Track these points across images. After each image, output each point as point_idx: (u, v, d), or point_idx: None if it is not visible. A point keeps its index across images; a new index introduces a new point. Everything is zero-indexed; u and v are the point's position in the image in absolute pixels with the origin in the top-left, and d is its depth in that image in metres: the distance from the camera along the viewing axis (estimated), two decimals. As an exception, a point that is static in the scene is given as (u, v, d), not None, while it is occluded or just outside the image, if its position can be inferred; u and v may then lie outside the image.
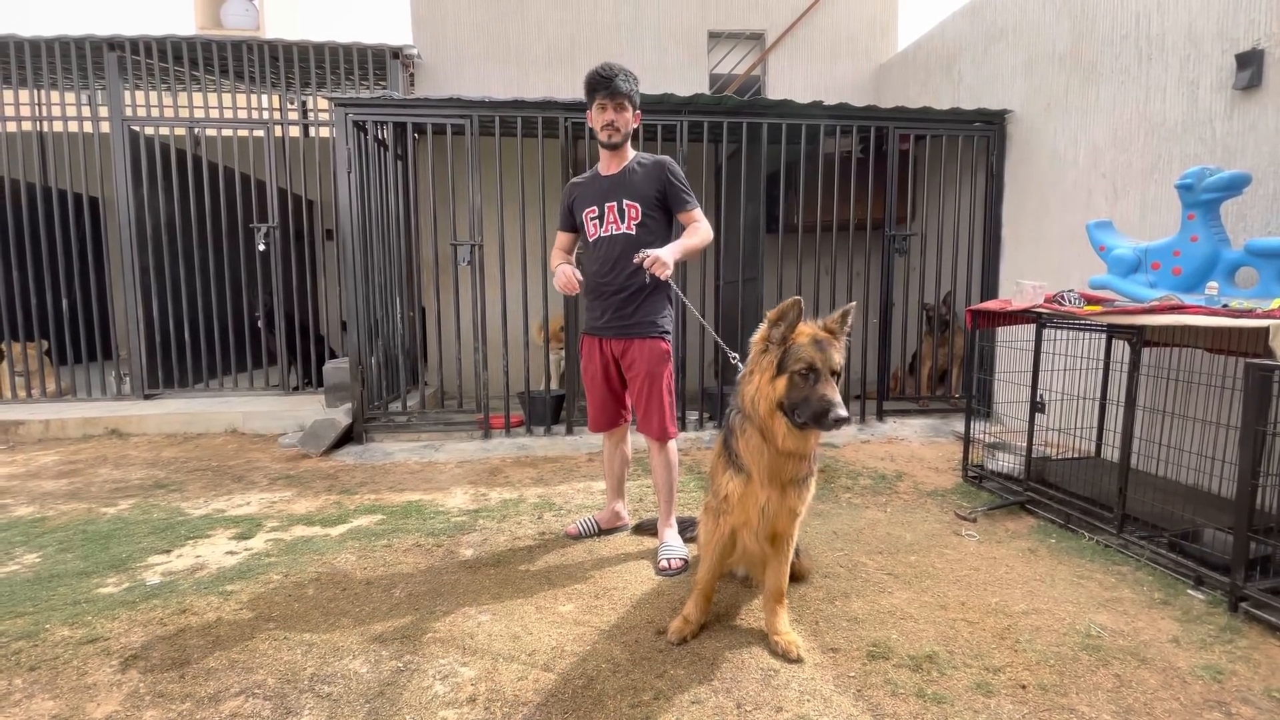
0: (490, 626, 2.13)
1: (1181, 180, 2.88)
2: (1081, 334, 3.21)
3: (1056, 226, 4.33)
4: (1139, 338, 2.75)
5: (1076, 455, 3.49)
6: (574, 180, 2.80)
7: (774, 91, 6.60)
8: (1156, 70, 3.60)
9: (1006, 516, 3.13)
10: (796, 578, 2.36)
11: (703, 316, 5.02)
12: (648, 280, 2.52)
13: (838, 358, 1.88)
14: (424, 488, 3.65)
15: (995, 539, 2.86)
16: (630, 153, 2.68)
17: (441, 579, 2.50)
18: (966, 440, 3.66)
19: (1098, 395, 3.32)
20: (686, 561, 2.56)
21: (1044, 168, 4.45)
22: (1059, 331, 3.23)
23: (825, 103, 4.79)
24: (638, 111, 2.65)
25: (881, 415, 4.87)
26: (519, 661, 1.93)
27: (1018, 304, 3.24)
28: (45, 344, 5.58)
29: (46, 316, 5.53)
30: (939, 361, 5.23)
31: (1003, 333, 3.87)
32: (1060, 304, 3.03)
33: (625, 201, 2.60)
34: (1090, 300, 3.08)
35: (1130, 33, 3.75)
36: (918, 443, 4.41)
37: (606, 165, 2.68)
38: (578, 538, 2.86)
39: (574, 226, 2.78)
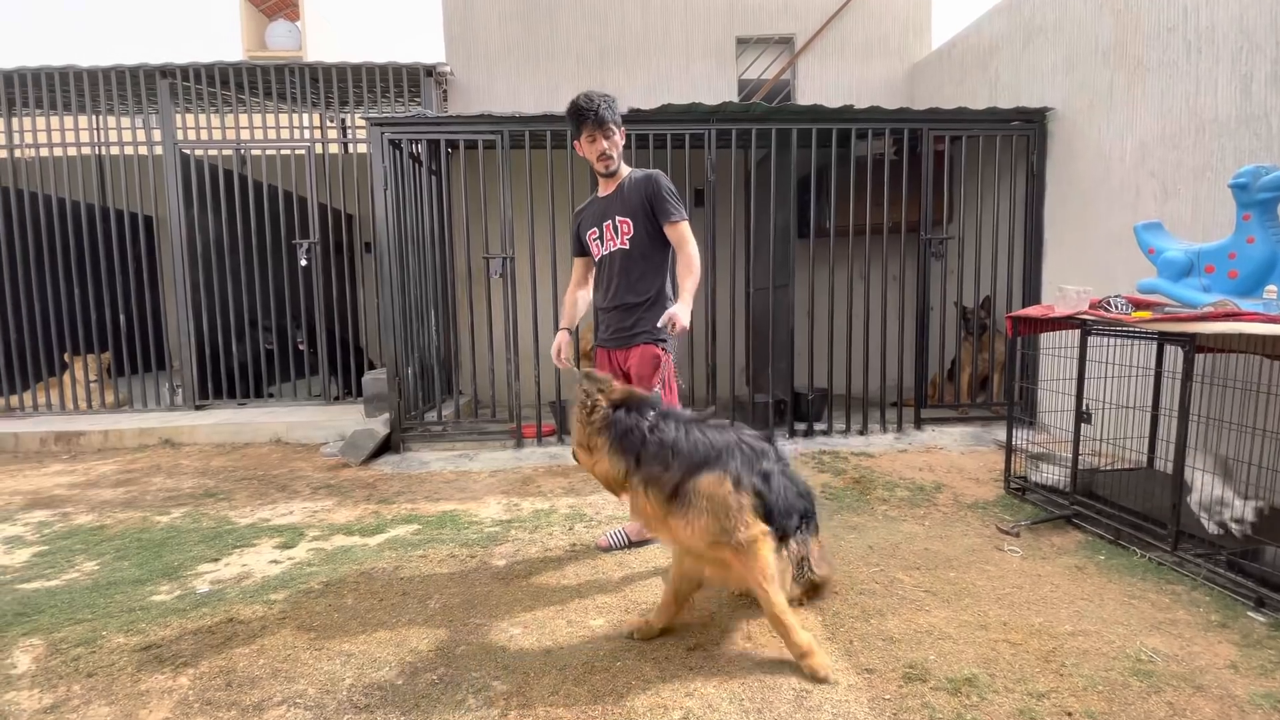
0: (522, 640, 2.15)
1: (1235, 179, 2.74)
2: (1130, 341, 3.08)
3: (1102, 227, 4.17)
4: (1192, 344, 2.63)
5: (1126, 466, 3.35)
6: (578, 209, 2.94)
7: (804, 94, 6.54)
8: (1206, 64, 3.44)
9: (1052, 531, 3.02)
10: (814, 591, 2.32)
11: (733, 324, 5.02)
12: (660, 326, 2.54)
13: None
14: (458, 497, 3.71)
15: (1040, 555, 2.76)
16: (625, 170, 2.77)
17: (475, 590, 2.53)
18: (1009, 450, 3.55)
19: (1149, 404, 3.18)
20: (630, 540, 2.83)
21: (1088, 167, 4.30)
22: (1106, 338, 3.11)
23: (857, 105, 4.72)
24: (622, 129, 2.73)
25: (919, 423, 4.76)
26: (550, 676, 1.94)
27: (1061, 310, 3.13)
28: (107, 357, 5.87)
29: (105, 330, 5.82)
30: (979, 368, 5.09)
31: (1045, 339, 3.75)
32: (1107, 310, 2.92)
33: (618, 218, 2.71)
34: (1138, 305, 2.96)
35: (1177, 25, 3.60)
36: (957, 452, 4.29)
37: (604, 188, 2.81)
38: (608, 550, 2.87)
39: (584, 250, 2.91)
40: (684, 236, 2.66)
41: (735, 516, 1.92)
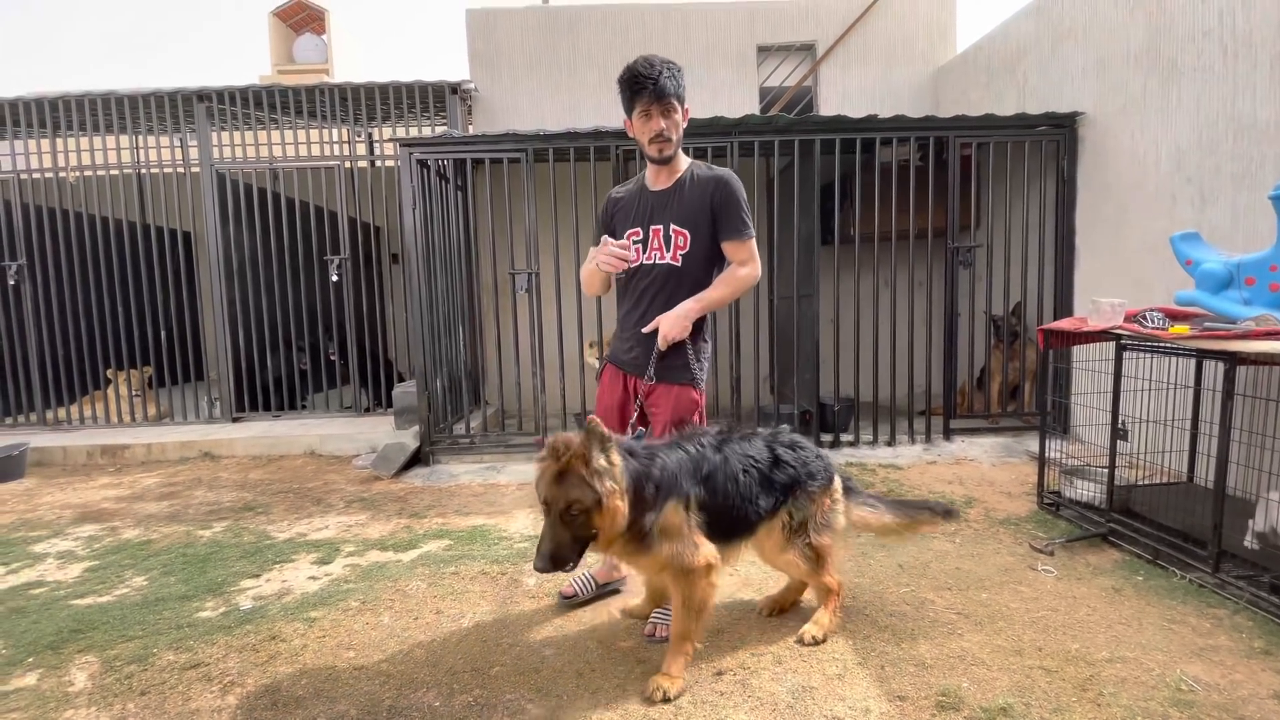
0: (554, 662, 2.18)
1: (1276, 191, 2.67)
2: (1167, 355, 3.01)
3: (1136, 234, 4.09)
4: (1233, 360, 2.56)
5: (1165, 480, 3.28)
6: (615, 192, 2.43)
7: (826, 100, 6.50)
8: (1244, 68, 3.36)
9: (1087, 549, 2.97)
10: (820, 561, 2.23)
11: (757, 333, 5.01)
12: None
13: (574, 492, 1.83)
14: (487, 511, 3.77)
15: (1075, 575, 2.72)
16: (684, 161, 2.30)
17: (507, 609, 2.58)
18: (1041, 464, 3.49)
19: (1187, 419, 3.11)
20: None
21: (1121, 172, 4.22)
22: (1142, 353, 3.05)
23: (880, 111, 4.72)
24: (686, 108, 2.23)
25: (948, 434, 4.71)
26: (583, 700, 1.97)
27: (1094, 324, 3.07)
28: (148, 370, 6.07)
29: (146, 344, 6.02)
30: (1009, 376, 5.01)
31: (1078, 352, 3.69)
32: (1142, 324, 2.87)
33: (674, 227, 2.24)
34: (1175, 318, 2.90)
35: (1213, 29, 3.51)
36: (988, 464, 4.24)
37: (655, 177, 2.30)
38: (573, 599, 2.53)
39: None
40: (749, 255, 2.27)
41: (686, 540, 1.98)
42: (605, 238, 2.22)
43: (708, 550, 2.00)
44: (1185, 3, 3.69)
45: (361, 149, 6.81)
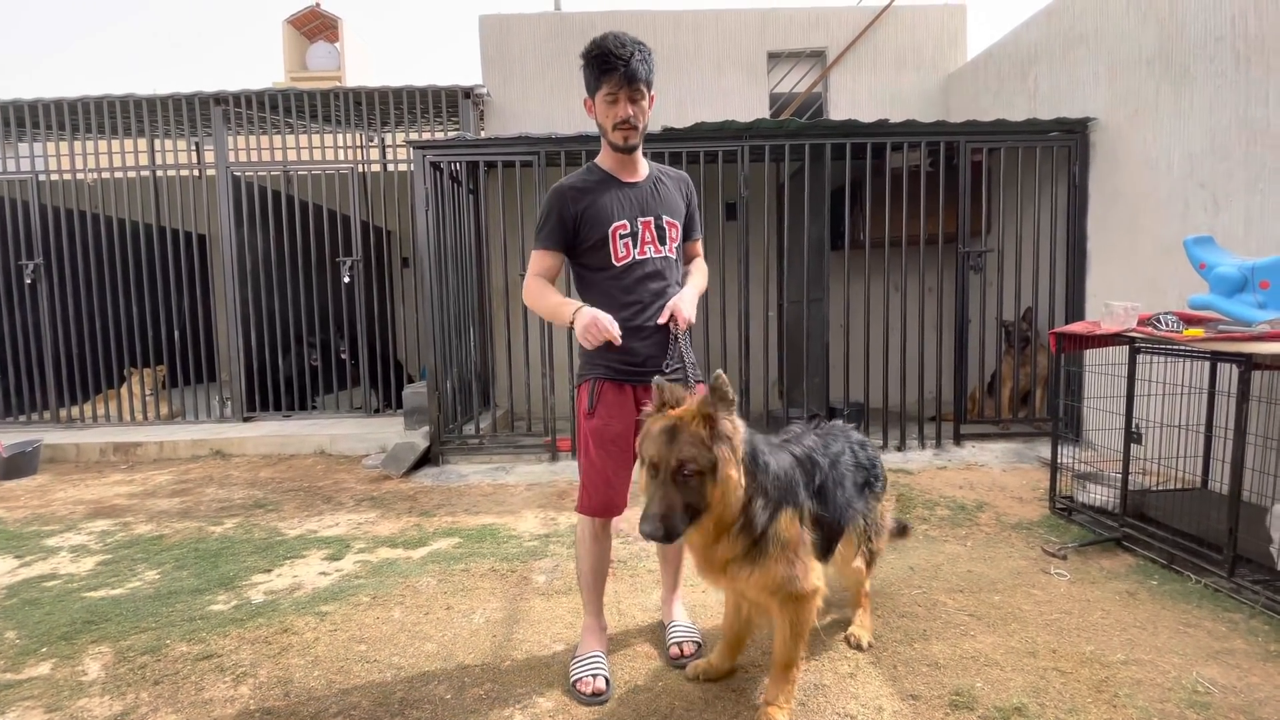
0: (565, 657, 2.18)
1: (1292, 193, 2.67)
2: (1181, 359, 3.00)
3: (1149, 239, 4.08)
4: (1248, 364, 2.55)
5: (1179, 486, 3.26)
6: (572, 183, 2.08)
7: (836, 107, 6.53)
8: (1257, 73, 3.36)
9: (1101, 554, 2.94)
10: (872, 559, 2.26)
11: (766, 337, 5.02)
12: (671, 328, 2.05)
13: (689, 450, 1.60)
14: (496, 510, 3.77)
15: (1089, 579, 2.70)
16: (640, 156, 2.16)
17: (517, 606, 2.58)
18: (1054, 469, 3.47)
19: (1202, 423, 3.09)
20: (700, 644, 2.21)
21: (1133, 178, 4.21)
22: (1156, 356, 3.04)
23: (890, 116, 4.72)
24: (653, 94, 2.05)
25: (959, 439, 4.68)
26: (594, 694, 1.97)
27: (1107, 327, 3.06)
28: (162, 370, 6.13)
29: (160, 344, 6.08)
30: (1020, 382, 4.99)
31: (1091, 355, 3.67)
32: (1156, 327, 2.86)
33: (666, 219, 2.11)
34: (1189, 322, 2.88)
35: (1225, 35, 3.51)
36: (999, 469, 4.21)
37: (621, 168, 2.11)
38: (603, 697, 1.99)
39: (567, 246, 2.09)
40: (701, 253, 2.36)
41: (801, 561, 1.77)
42: (602, 315, 1.90)
43: (818, 573, 1.84)
44: (1197, 8, 3.69)
45: (374, 154, 6.88)
